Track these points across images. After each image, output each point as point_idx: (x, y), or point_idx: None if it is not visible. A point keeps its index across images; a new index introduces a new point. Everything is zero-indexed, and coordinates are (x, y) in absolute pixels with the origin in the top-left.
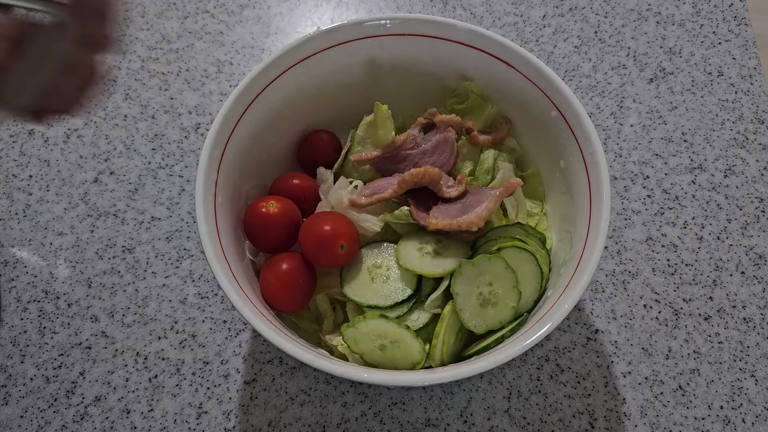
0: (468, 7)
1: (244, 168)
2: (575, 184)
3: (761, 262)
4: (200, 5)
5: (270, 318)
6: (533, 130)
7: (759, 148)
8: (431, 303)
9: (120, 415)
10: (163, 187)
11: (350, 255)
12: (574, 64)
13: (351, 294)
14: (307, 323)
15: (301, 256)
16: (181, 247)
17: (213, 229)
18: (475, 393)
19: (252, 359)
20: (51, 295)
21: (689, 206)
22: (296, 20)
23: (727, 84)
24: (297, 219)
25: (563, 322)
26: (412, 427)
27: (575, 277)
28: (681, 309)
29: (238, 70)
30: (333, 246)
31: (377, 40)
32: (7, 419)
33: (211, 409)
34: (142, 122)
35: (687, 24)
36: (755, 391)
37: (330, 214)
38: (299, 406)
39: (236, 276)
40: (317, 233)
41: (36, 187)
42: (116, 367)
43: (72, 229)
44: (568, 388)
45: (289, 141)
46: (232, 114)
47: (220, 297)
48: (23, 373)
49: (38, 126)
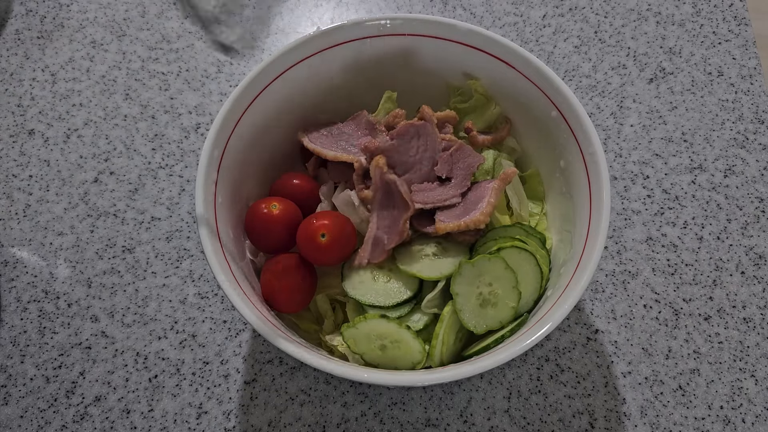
0: (468, 7)
1: (244, 168)
2: (575, 184)
3: (761, 262)
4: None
5: (270, 318)
6: (533, 130)
7: (759, 148)
8: (428, 303)
9: (120, 415)
10: (163, 187)
11: (336, 247)
12: (574, 64)
13: (352, 292)
14: (308, 323)
15: (300, 256)
16: (181, 247)
17: (213, 229)
18: (475, 393)
19: (252, 359)
20: (51, 295)
21: (689, 206)
22: (296, 20)
23: (727, 84)
24: (298, 220)
25: (563, 322)
26: (412, 427)
27: (575, 277)
28: (681, 309)
29: (238, 70)
30: (315, 236)
31: (377, 40)
32: (7, 419)
33: (211, 409)
34: (142, 122)
35: (687, 24)
36: (755, 391)
37: (325, 212)
38: (299, 406)
39: (236, 276)
40: (303, 227)
41: (36, 187)
42: (116, 367)
43: (72, 229)
44: (568, 388)
45: (289, 141)
46: (232, 114)
47: (220, 297)
48: (23, 373)
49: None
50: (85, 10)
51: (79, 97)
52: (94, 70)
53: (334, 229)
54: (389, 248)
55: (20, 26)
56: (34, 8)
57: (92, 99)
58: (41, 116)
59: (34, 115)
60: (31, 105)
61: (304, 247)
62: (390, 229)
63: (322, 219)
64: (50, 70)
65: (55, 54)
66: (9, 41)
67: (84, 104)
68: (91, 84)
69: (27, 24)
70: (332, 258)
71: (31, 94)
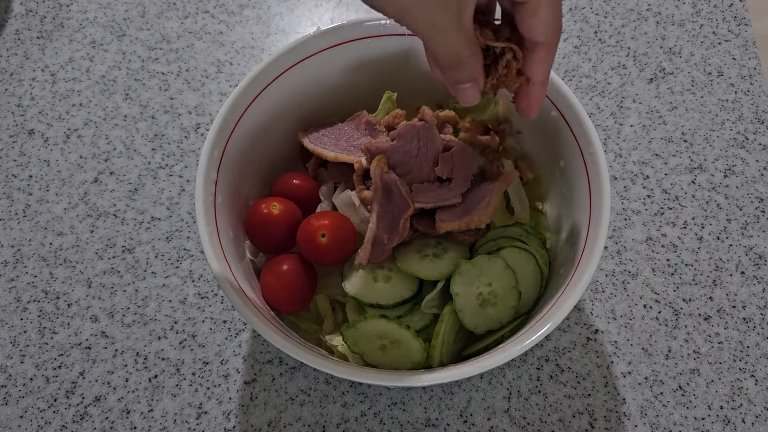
0: None
1: (244, 168)
2: (575, 184)
3: (761, 262)
4: (200, 5)
5: (270, 318)
6: (533, 130)
7: (759, 148)
8: (428, 303)
9: (120, 415)
10: (163, 187)
11: (336, 247)
12: (574, 64)
13: (352, 291)
14: (307, 323)
15: (300, 256)
16: (181, 247)
17: (213, 229)
18: (475, 393)
19: (252, 359)
20: (51, 295)
21: (689, 206)
22: (296, 20)
23: (727, 84)
24: (298, 220)
25: (563, 322)
26: (412, 427)
27: (575, 277)
28: (681, 309)
29: (238, 70)
30: (314, 236)
31: (377, 40)
32: (6, 419)
33: (211, 409)
34: (142, 122)
35: (687, 24)
36: (755, 391)
37: (325, 212)
38: (299, 406)
39: (236, 276)
40: (303, 227)
41: (36, 187)
42: (116, 367)
43: (72, 229)
44: (568, 388)
45: (290, 141)
46: (232, 114)
47: (220, 297)
48: (23, 373)
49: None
50: (85, 10)
51: (79, 97)
52: (94, 70)
53: (334, 229)
54: (389, 248)
55: (20, 26)
56: (34, 8)
57: (92, 99)
58: (41, 116)
59: (34, 115)
60: (31, 105)
61: (304, 248)
62: (390, 228)
63: (322, 219)
64: (50, 70)
65: (55, 54)
66: (9, 41)
67: (84, 104)
68: (91, 84)
69: (27, 24)
70: (332, 258)
71: (31, 94)
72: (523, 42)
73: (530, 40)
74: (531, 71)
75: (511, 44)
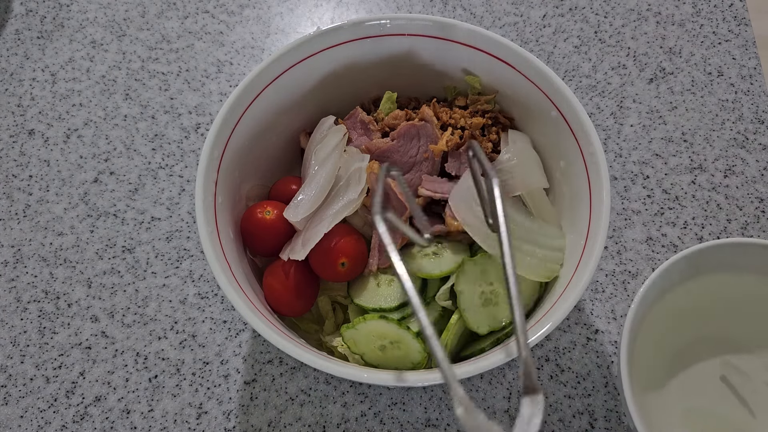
0: (468, 7)
1: (244, 168)
2: (575, 184)
3: None
4: (200, 5)
5: (270, 318)
6: (533, 131)
7: (759, 148)
8: (441, 295)
9: (120, 415)
10: (163, 187)
11: (354, 271)
12: (574, 64)
13: (357, 299)
14: (308, 324)
15: (303, 261)
16: (181, 247)
17: (213, 229)
18: (475, 393)
19: (252, 359)
20: (51, 295)
21: (689, 206)
22: (296, 20)
23: (727, 84)
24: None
25: (563, 322)
26: (412, 427)
27: (575, 277)
28: None
29: (238, 70)
30: (334, 263)
31: (377, 40)
32: (7, 419)
33: (211, 409)
34: (142, 122)
35: (687, 24)
36: None
37: (342, 235)
38: (299, 406)
39: (236, 276)
40: (322, 246)
41: (36, 187)
42: (116, 367)
43: (72, 229)
44: (568, 388)
45: (289, 141)
46: (232, 114)
47: (220, 297)
48: (23, 373)
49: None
50: (85, 10)
51: (79, 97)
52: (94, 70)
53: (353, 259)
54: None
55: (20, 26)
56: (34, 8)
57: (92, 99)
58: (41, 116)
59: (34, 115)
60: (31, 105)
61: (321, 271)
62: (392, 231)
63: (342, 246)
64: (50, 70)
65: (55, 54)
66: (9, 41)
67: (84, 104)
68: (91, 84)
69: (27, 24)
70: (348, 278)
71: (31, 94)
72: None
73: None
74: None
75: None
